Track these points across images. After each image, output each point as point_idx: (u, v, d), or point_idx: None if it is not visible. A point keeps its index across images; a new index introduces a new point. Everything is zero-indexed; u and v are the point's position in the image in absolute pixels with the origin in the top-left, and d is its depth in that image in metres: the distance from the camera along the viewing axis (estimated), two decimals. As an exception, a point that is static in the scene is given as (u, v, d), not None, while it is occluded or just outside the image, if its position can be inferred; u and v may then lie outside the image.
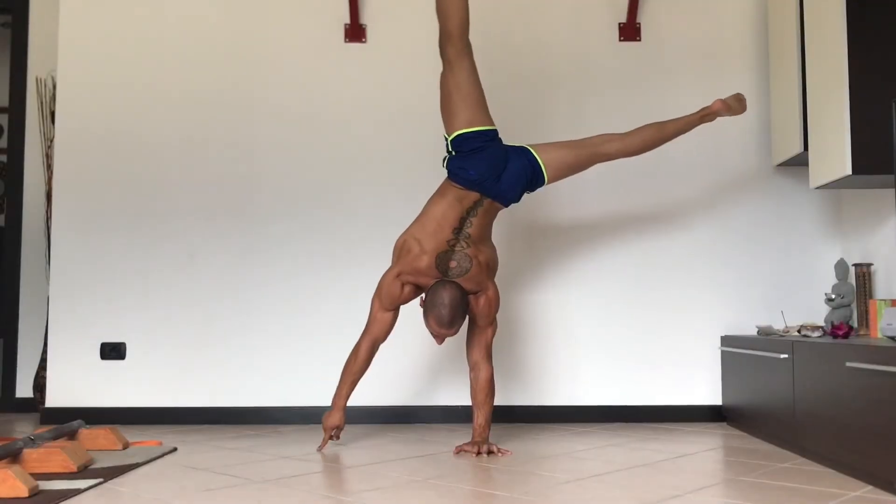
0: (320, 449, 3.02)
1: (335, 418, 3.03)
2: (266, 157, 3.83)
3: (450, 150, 2.98)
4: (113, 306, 3.77)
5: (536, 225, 3.80)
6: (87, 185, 3.81)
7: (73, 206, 3.81)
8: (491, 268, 2.98)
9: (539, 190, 3.18)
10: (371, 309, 2.98)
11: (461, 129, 2.93)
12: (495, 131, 2.99)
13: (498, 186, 2.94)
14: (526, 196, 3.20)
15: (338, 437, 3.07)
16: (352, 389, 3.03)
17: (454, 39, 2.93)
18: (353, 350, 3.02)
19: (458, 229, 2.91)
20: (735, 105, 3.22)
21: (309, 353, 3.75)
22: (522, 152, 3.00)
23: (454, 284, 2.83)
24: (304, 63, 3.87)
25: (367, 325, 3.00)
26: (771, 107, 3.73)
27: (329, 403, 3.68)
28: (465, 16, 2.95)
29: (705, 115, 3.17)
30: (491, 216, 3.01)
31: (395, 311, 2.98)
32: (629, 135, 3.10)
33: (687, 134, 3.73)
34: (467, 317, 2.93)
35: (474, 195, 2.94)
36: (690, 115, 3.19)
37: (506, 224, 3.63)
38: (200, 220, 3.81)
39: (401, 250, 2.94)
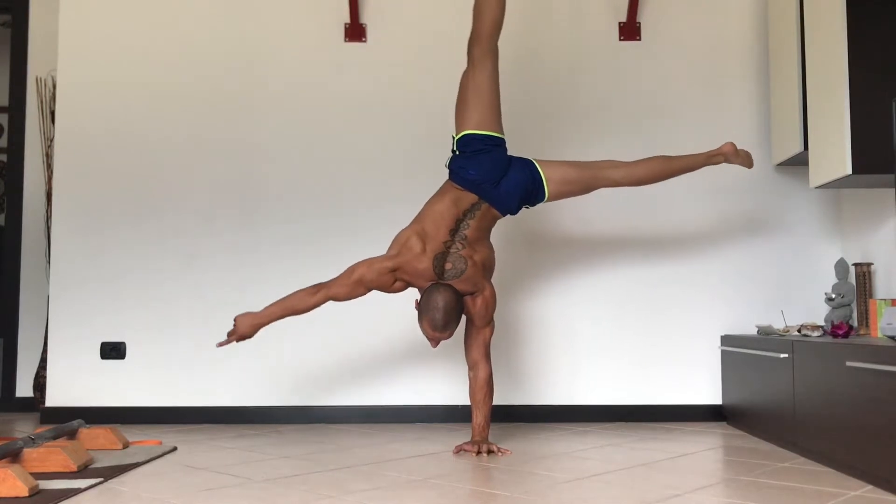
0: (219, 345, 2.96)
1: (250, 330, 2.92)
2: (265, 157, 3.83)
3: (454, 149, 2.98)
4: (113, 306, 3.77)
5: (537, 225, 3.79)
6: (87, 185, 3.81)
7: (73, 206, 3.81)
8: (487, 267, 2.97)
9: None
10: (350, 274, 2.86)
11: (470, 129, 2.95)
12: (503, 140, 3.00)
13: (496, 191, 2.95)
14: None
15: (232, 342, 2.95)
16: (280, 319, 2.93)
17: (482, 40, 2.97)
18: (308, 290, 2.90)
19: (455, 230, 2.90)
20: (744, 156, 3.22)
21: (309, 352, 3.75)
22: (526, 164, 3.01)
23: (449, 288, 2.82)
24: (304, 62, 3.87)
25: (335, 282, 2.88)
26: (771, 107, 3.73)
27: (330, 402, 3.71)
28: (498, 19, 2.98)
29: (713, 157, 3.16)
30: (488, 222, 3.00)
31: (369, 290, 2.90)
32: (635, 164, 3.10)
33: (687, 133, 3.76)
34: (464, 318, 2.93)
35: (472, 197, 2.94)
36: (698, 154, 3.19)
37: (508, 224, 3.63)
38: (200, 219, 3.81)
39: (403, 245, 2.89)
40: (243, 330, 2.94)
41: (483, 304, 2.92)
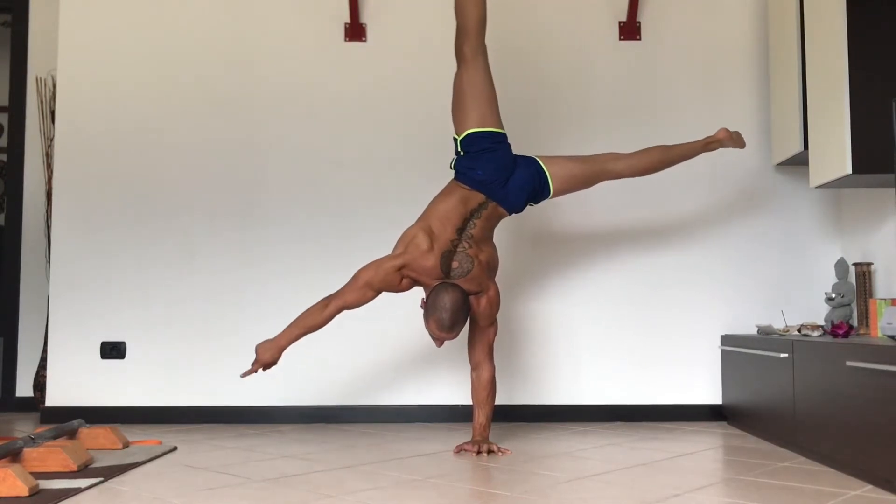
0: (244, 375, 2.95)
1: (271, 356, 2.90)
2: (266, 157, 3.84)
3: (459, 150, 2.98)
4: (113, 305, 3.77)
5: (539, 225, 3.79)
6: (87, 185, 3.82)
7: (73, 206, 3.81)
8: (492, 267, 2.98)
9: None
10: (356, 279, 2.85)
11: (472, 127, 2.94)
12: (505, 135, 3.00)
13: (504, 191, 2.95)
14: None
15: (255, 371, 2.94)
16: (299, 339, 2.91)
17: (471, 37, 2.97)
18: (318, 304, 2.88)
19: (461, 229, 2.90)
20: (736, 138, 3.31)
21: (309, 352, 3.74)
22: (531, 162, 3.02)
23: (456, 288, 2.80)
24: (305, 62, 3.87)
25: (344, 291, 2.86)
26: (771, 106, 3.73)
27: (330, 402, 3.72)
28: (483, 13, 2.99)
29: (709, 143, 3.26)
30: (494, 221, 3.01)
31: (378, 292, 2.89)
32: (636, 155, 3.15)
33: (687, 133, 3.75)
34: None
35: (480, 197, 2.94)
36: (694, 141, 3.27)
37: (509, 225, 3.63)
38: (200, 219, 3.81)
39: (409, 243, 2.87)
40: (265, 357, 2.91)
41: (487, 304, 2.92)
